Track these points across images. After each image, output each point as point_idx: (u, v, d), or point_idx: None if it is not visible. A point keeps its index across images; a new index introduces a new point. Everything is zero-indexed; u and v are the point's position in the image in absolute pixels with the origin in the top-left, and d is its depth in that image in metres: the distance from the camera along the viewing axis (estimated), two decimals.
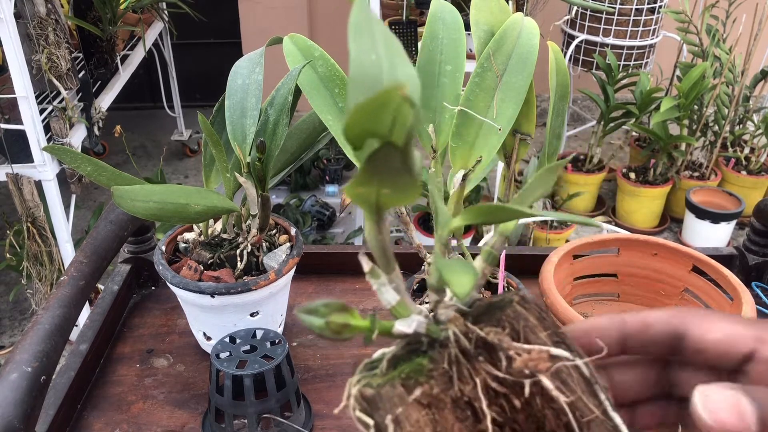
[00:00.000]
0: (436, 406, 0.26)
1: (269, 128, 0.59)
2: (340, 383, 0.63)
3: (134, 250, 0.75)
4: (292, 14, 2.88)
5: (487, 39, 0.52)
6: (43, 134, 1.39)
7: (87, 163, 0.58)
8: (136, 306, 0.74)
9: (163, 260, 0.63)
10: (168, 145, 2.84)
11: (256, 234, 0.63)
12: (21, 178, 1.40)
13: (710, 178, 2.27)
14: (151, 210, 0.55)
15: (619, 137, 2.69)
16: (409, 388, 0.26)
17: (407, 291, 0.59)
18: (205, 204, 0.58)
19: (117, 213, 0.66)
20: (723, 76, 2.10)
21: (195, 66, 3.01)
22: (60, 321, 0.53)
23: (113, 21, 1.79)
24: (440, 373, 0.27)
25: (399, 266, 0.29)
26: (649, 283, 0.69)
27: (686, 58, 2.27)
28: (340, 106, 0.55)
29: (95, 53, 1.80)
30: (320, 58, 0.56)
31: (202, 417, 0.59)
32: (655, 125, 2.11)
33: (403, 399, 0.26)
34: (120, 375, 0.64)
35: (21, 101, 1.32)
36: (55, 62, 1.42)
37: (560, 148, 0.55)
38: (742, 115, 2.26)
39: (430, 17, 0.55)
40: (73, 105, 1.52)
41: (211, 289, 0.59)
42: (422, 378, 0.27)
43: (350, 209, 2.10)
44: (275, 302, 0.65)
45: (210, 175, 0.65)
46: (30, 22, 1.39)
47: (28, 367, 0.48)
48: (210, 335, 0.65)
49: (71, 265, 0.60)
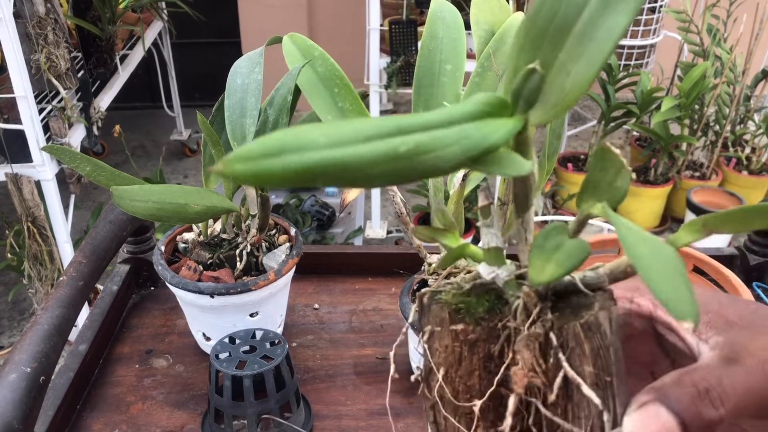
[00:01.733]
0: (469, 347, 0.28)
1: (269, 128, 0.59)
2: (339, 384, 0.62)
3: (133, 251, 0.75)
4: (292, 14, 2.88)
5: (488, 38, 0.51)
6: (42, 134, 1.38)
7: (86, 162, 0.58)
8: (135, 306, 0.74)
9: (162, 260, 0.63)
10: (167, 145, 2.84)
11: (255, 234, 0.62)
12: (21, 178, 1.40)
13: (711, 178, 2.27)
14: (151, 210, 0.55)
15: (619, 137, 2.68)
16: (454, 320, 0.28)
17: (407, 291, 0.59)
18: (205, 204, 0.57)
19: (116, 213, 0.66)
20: (724, 75, 2.10)
21: (194, 66, 3.01)
22: (59, 321, 0.53)
23: (112, 20, 1.79)
24: (488, 327, 0.28)
25: (399, 266, 0.30)
26: None
27: (687, 57, 2.27)
28: (339, 106, 0.55)
29: (94, 53, 1.80)
30: (320, 58, 0.56)
31: (201, 418, 0.59)
32: (655, 125, 2.11)
33: (444, 323, 0.28)
34: (119, 375, 0.64)
35: (20, 101, 1.32)
36: (54, 62, 1.42)
37: (560, 147, 0.55)
38: (743, 115, 2.26)
39: (430, 16, 0.54)
40: (72, 105, 1.52)
41: (211, 289, 0.59)
42: (469, 319, 0.28)
43: (350, 209, 2.10)
44: (275, 302, 0.65)
45: (209, 175, 0.65)
46: (29, 22, 1.39)
47: (27, 368, 0.48)
48: (209, 336, 0.65)
49: (70, 265, 0.60)
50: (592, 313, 0.27)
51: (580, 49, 0.22)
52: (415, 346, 0.52)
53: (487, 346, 0.27)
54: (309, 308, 0.73)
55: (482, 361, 0.27)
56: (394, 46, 1.98)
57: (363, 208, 2.28)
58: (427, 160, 0.21)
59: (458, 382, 0.28)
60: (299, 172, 0.20)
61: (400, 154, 0.20)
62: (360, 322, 0.70)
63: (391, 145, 0.20)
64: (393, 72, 1.97)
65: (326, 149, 0.20)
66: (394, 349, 0.36)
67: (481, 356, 0.27)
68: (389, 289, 0.74)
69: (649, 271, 0.20)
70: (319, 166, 0.20)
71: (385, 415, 0.59)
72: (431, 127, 0.21)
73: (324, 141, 0.20)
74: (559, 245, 0.25)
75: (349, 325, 0.70)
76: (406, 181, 0.21)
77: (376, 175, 0.20)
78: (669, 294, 0.20)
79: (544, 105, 0.23)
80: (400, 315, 0.59)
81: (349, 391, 0.62)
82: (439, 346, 0.28)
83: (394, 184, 0.21)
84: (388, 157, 0.20)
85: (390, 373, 0.34)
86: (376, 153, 0.20)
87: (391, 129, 0.21)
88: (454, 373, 0.28)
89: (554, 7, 0.23)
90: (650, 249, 0.21)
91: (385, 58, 2.01)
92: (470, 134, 0.22)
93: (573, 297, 0.28)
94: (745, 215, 0.23)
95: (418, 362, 0.60)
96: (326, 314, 0.72)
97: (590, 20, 0.22)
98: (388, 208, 2.36)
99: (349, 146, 0.20)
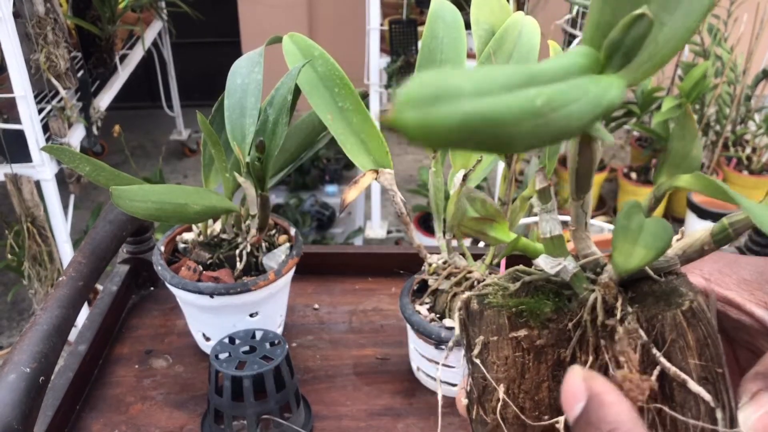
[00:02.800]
0: (536, 356, 0.24)
1: (269, 128, 0.59)
2: (339, 384, 0.62)
3: (133, 251, 0.75)
4: (292, 13, 2.88)
5: (488, 38, 0.51)
6: (41, 134, 1.38)
7: (86, 162, 0.58)
8: (134, 306, 0.74)
9: (162, 261, 0.62)
10: (167, 145, 2.84)
11: (255, 234, 0.62)
12: (20, 178, 1.40)
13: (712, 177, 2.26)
14: (150, 210, 0.55)
15: (620, 137, 2.68)
16: (515, 325, 0.25)
17: (407, 292, 0.59)
18: (204, 204, 0.57)
19: (116, 213, 0.65)
20: (724, 75, 2.09)
21: (194, 65, 3.01)
22: (58, 322, 0.53)
23: (112, 20, 1.79)
24: (559, 328, 0.24)
25: (399, 266, 0.28)
26: None
27: (687, 57, 2.27)
28: (339, 105, 0.55)
29: (94, 52, 1.80)
30: (320, 58, 0.56)
31: (201, 418, 0.59)
32: (656, 125, 2.11)
33: (503, 331, 0.25)
34: (119, 376, 0.64)
35: (19, 101, 1.31)
36: (54, 61, 1.42)
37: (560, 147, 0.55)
38: (743, 115, 2.26)
39: (430, 16, 0.54)
40: (71, 104, 1.52)
41: (210, 289, 0.59)
42: (535, 322, 0.25)
43: (350, 209, 2.10)
44: (275, 303, 0.65)
45: (209, 175, 0.65)
46: (29, 21, 1.39)
47: (27, 368, 0.48)
48: (209, 336, 0.64)
49: (70, 265, 0.60)
50: (691, 299, 0.23)
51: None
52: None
53: (557, 352, 0.24)
54: (309, 308, 0.73)
55: (551, 370, 0.24)
56: (394, 45, 1.98)
57: (363, 208, 2.28)
58: (559, 118, 0.17)
59: (524, 398, 0.25)
60: (458, 127, 0.16)
61: (537, 108, 0.17)
62: (360, 322, 0.70)
63: (529, 97, 0.17)
64: (393, 72, 1.97)
65: (476, 98, 0.17)
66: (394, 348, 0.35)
67: (550, 364, 0.24)
68: (389, 289, 0.74)
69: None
70: (475, 121, 0.16)
71: (385, 415, 0.59)
72: (551, 79, 0.18)
73: (470, 88, 0.17)
74: (641, 226, 0.23)
75: (349, 326, 0.70)
76: (539, 145, 0.18)
77: (520, 134, 0.17)
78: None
79: (634, 62, 0.21)
80: (400, 315, 0.59)
81: (349, 391, 0.61)
82: (497, 358, 0.25)
83: (532, 148, 0.17)
84: (528, 112, 0.17)
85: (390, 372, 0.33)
86: (520, 105, 0.17)
87: (523, 78, 0.18)
88: (518, 388, 0.25)
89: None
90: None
91: (386, 57, 2.01)
92: (589, 90, 0.19)
93: (643, 284, 0.25)
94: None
95: (418, 363, 0.60)
96: (326, 314, 0.72)
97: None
98: (388, 208, 2.36)
99: (495, 96, 0.17)
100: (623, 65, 0.21)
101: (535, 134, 0.17)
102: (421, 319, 0.56)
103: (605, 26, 0.21)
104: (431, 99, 0.16)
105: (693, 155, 0.23)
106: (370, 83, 2.02)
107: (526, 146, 0.17)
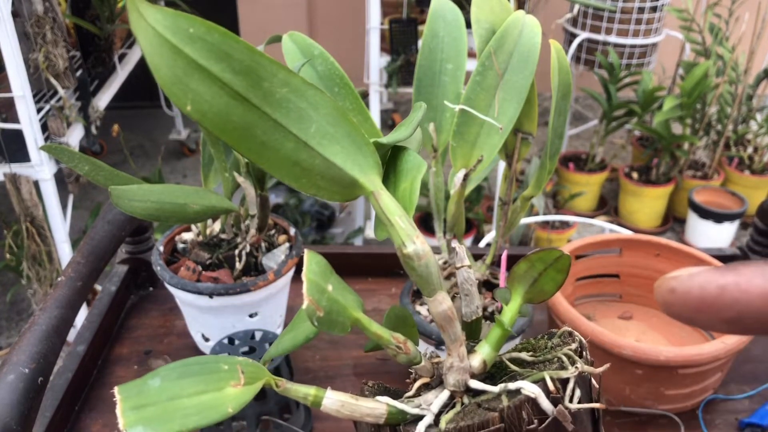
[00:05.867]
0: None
1: None
2: (339, 385, 0.62)
3: (132, 251, 0.75)
4: (292, 12, 2.88)
5: (489, 37, 0.51)
6: (40, 133, 1.38)
7: (84, 162, 0.57)
8: (133, 307, 0.73)
9: (161, 261, 0.62)
10: (166, 145, 2.83)
11: (254, 234, 0.62)
12: (19, 178, 1.40)
13: (713, 177, 2.26)
14: (149, 210, 0.55)
15: (621, 136, 2.68)
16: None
17: (407, 292, 0.59)
18: (204, 204, 0.57)
19: (115, 213, 0.65)
20: (726, 74, 2.09)
21: None
22: (57, 322, 0.53)
23: (111, 19, 1.79)
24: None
25: (399, 267, 0.28)
26: (652, 283, 0.68)
27: (689, 56, 2.27)
28: (339, 105, 0.55)
29: (93, 52, 1.80)
30: (319, 57, 0.56)
31: None
32: (657, 124, 2.10)
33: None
34: (118, 376, 0.64)
35: (18, 100, 1.31)
36: (53, 61, 1.41)
37: (562, 147, 0.55)
38: (745, 114, 2.26)
39: (431, 15, 0.54)
40: (70, 104, 1.51)
41: (210, 289, 0.58)
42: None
43: (350, 209, 2.10)
44: (274, 303, 0.65)
45: (208, 175, 0.65)
46: (27, 21, 1.39)
47: (26, 369, 0.47)
48: (208, 336, 0.64)
49: (68, 265, 0.59)
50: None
51: None
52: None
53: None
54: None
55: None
56: (394, 44, 1.97)
57: (363, 208, 2.28)
58: None
59: None
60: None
61: None
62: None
63: None
64: (393, 71, 1.97)
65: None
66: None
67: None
68: (389, 289, 0.74)
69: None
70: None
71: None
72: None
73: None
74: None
75: None
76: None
77: None
78: None
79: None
80: None
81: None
82: None
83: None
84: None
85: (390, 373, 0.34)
86: None
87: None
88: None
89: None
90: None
91: (386, 57, 2.01)
92: None
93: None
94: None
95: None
96: None
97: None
98: None
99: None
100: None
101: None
102: (422, 319, 0.56)
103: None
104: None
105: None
106: (370, 82, 2.02)
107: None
